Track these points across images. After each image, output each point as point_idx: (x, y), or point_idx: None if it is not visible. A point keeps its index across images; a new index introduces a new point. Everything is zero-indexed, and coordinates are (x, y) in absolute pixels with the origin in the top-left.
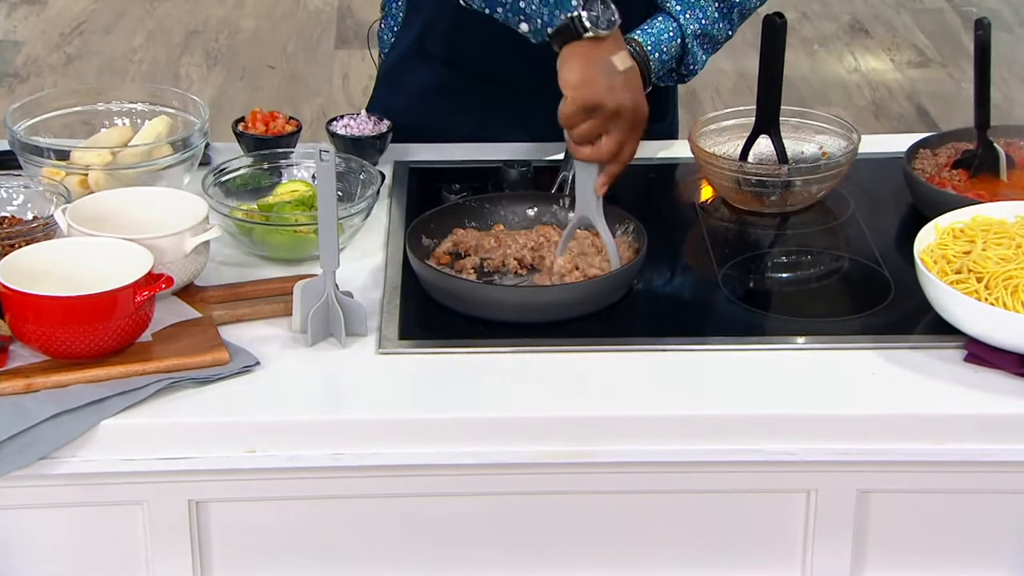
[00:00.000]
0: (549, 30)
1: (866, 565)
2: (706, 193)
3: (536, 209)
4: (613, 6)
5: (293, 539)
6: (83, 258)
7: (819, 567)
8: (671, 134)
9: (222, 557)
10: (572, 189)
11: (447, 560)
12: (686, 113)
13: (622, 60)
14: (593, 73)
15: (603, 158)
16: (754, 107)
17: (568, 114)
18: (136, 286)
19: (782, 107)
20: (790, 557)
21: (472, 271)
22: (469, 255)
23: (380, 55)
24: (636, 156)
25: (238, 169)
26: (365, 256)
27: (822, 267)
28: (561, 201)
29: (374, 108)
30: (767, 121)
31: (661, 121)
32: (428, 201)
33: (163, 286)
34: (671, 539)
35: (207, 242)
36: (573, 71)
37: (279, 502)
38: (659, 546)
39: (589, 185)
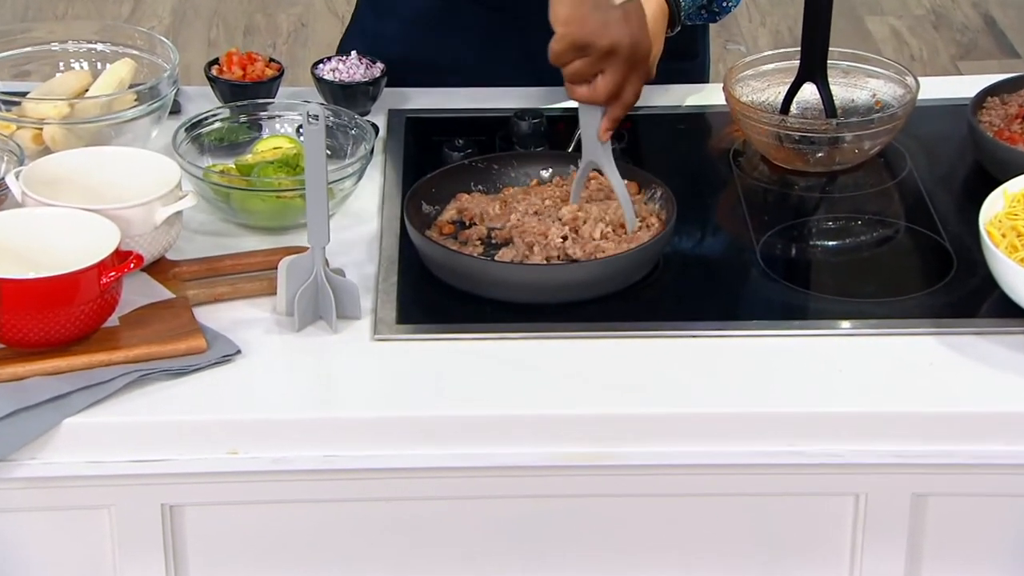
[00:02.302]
0: None
1: (921, 574)
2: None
3: (551, 170)
4: None
5: (279, 548)
6: (40, 231)
7: None
8: (702, 76)
9: (198, 566)
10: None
11: (451, 572)
12: (718, 26)
13: None
14: (585, 8)
15: (600, 100)
16: (798, 48)
17: (558, 52)
18: (101, 266)
19: (830, 49)
20: (836, 565)
21: (479, 243)
22: (475, 224)
23: None
24: (664, 103)
25: (212, 122)
26: (357, 223)
27: (874, 235)
28: (579, 161)
29: (357, 35)
30: (813, 67)
31: (692, 60)
32: (427, 156)
33: (132, 266)
34: (703, 546)
35: (180, 212)
36: (563, 4)
37: (263, 506)
38: (690, 554)
39: (593, 129)
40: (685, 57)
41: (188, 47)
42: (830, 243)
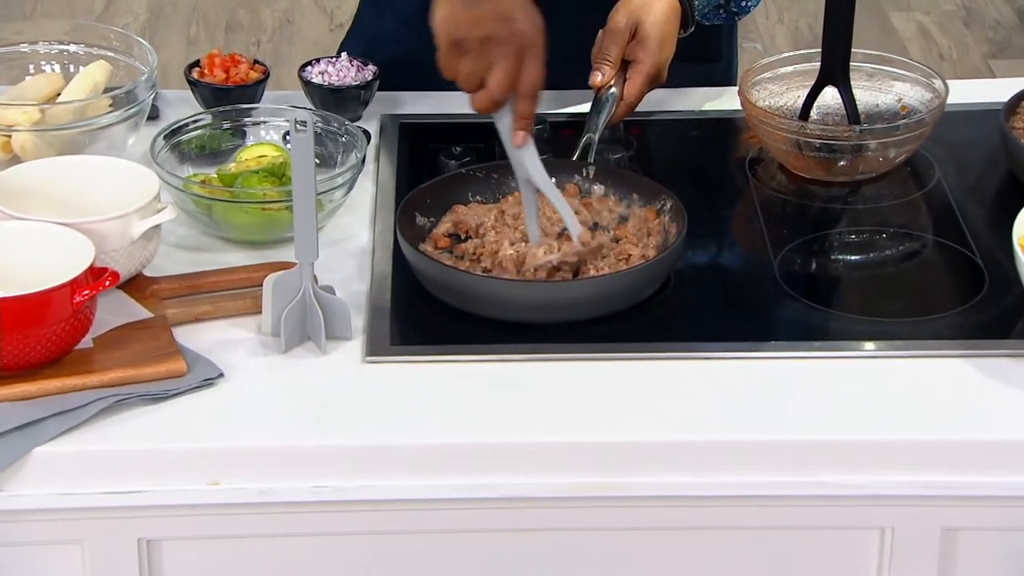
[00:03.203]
0: None
1: None
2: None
3: (554, 180)
4: None
5: None
6: (9, 247)
7: None
8: (727, 79)
9: None
10: (595, 153)
11: None
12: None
13: None
14: (456, 5)
15: (497, 97)
16: (818, 49)
17: (442, 59)
18: (74, 284)
19: (853, 49)
20: None
21: (476, 258)
22: (472, 238)
23: None
24: (677, 108)
25: (193, 129)
26: (347, 237)
27: (900, 250)
28: (585, 170)
29: (357, 36)
30: (834, 69)
31: (714, 62)
32: (423, 165)
33: (107, 283)
34: None
35: (159, 226)
36: (439, 7)
37: (247, 540)
38: None
39: (509, 137)
40: (707, 59)
41: (166, 45)
42: (853, 258)
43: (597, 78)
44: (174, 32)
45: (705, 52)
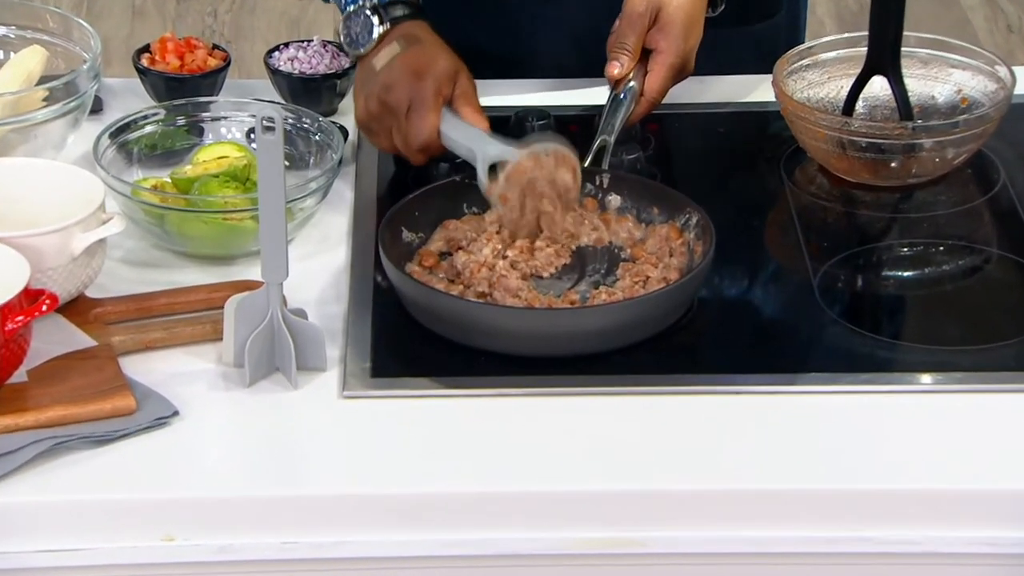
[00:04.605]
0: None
1: None
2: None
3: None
4: (376, 15)
5: None
6: None
7: None
8: (792, 37)
9: None
10: (608, 159)
11: None
12: None
13: (387, 54)
14: (357, 92)
15: (403, 148)
16: (865, 32)
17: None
18: (6, 309)
19: (906, 33)
20: None
21: (469, 280)
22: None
23: None
24: (700, 99)
25: (143, 126)
26: (322, 251)
27: (959, 265)
28: (598, 178)
29: None
30: (883, 55)
31: (772, 18)
32: (410, 170)
33: (44, 307)
34: None
35: (104, 239)
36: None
37: None
38: None
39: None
40: (763, 16)
41: (106, 16)
42: (905, 275)
43: (614, 70)
44: (116, 1)
45: (760, 7)
